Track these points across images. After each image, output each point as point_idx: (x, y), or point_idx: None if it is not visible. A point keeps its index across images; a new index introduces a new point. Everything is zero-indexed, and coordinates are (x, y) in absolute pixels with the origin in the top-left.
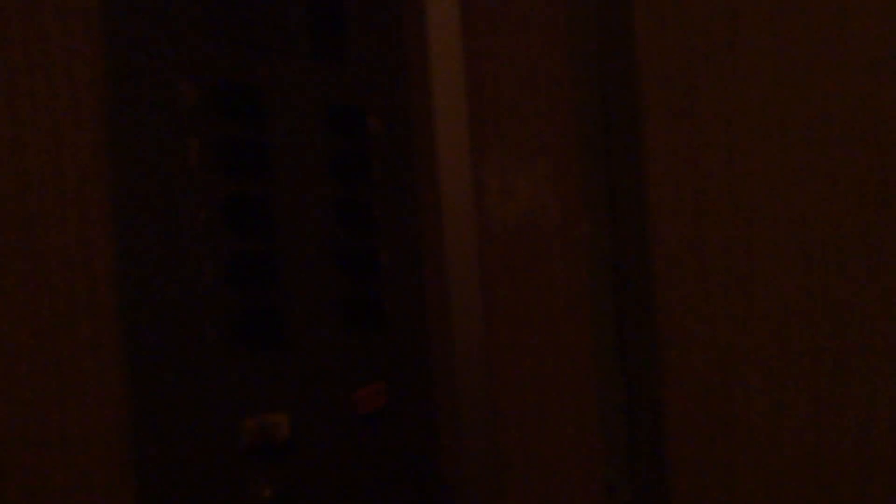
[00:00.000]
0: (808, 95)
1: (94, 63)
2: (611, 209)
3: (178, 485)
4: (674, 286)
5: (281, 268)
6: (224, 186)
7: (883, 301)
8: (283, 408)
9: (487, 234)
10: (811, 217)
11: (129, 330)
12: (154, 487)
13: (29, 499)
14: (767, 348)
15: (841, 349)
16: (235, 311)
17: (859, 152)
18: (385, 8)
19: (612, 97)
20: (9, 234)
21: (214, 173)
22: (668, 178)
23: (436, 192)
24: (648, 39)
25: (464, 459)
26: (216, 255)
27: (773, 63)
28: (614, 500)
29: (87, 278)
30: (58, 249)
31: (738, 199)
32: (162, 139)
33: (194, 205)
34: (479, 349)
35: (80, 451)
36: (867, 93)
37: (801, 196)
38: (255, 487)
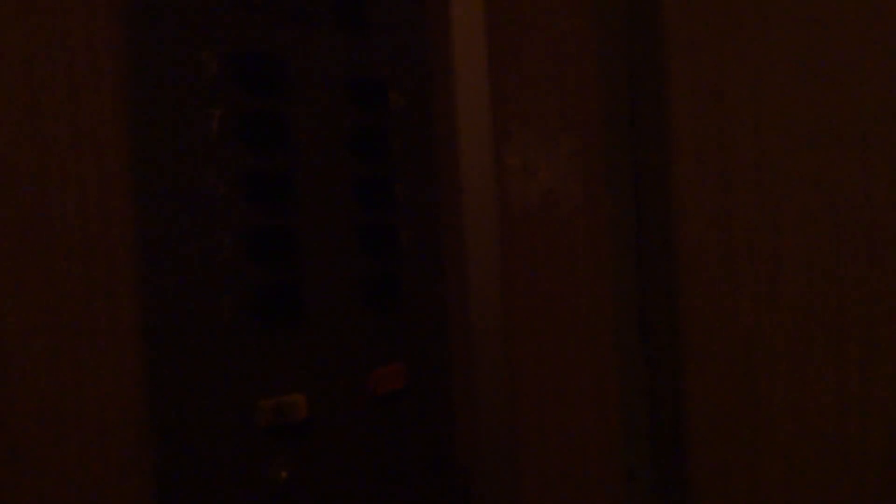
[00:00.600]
0: (840, 73)
1: (114, 30)
2: (635, 189)
3: (196, 462)
4: (697, 268)
5: (300, 243)
6: (244, 159)
7: None
8: (300, 387)
9: (508, 213)
10: (840, 198)
11: (147, 303)
12: (172, 465)
13: (51, 473)
14: (792, 332)
15: (868, 334)
16: (254, 286)
17: (891, 133)
18: None
19: (639, 74)
20: (28, 203)
21: (235, 145)
22: (693, 157)
23: (456, 170)
24: (676, 16)
25: (481, 443)
26: (235, 229)
27: (804, 38)
28: (635, 486)
29: (106, 250)
30: (77, 220)
31: (765, 179)
32: (183, 109)
33: (214, 177)
34: (497, 331)
35: (99, 427)
36: None
37: (829, 177)
38: (272, 468)
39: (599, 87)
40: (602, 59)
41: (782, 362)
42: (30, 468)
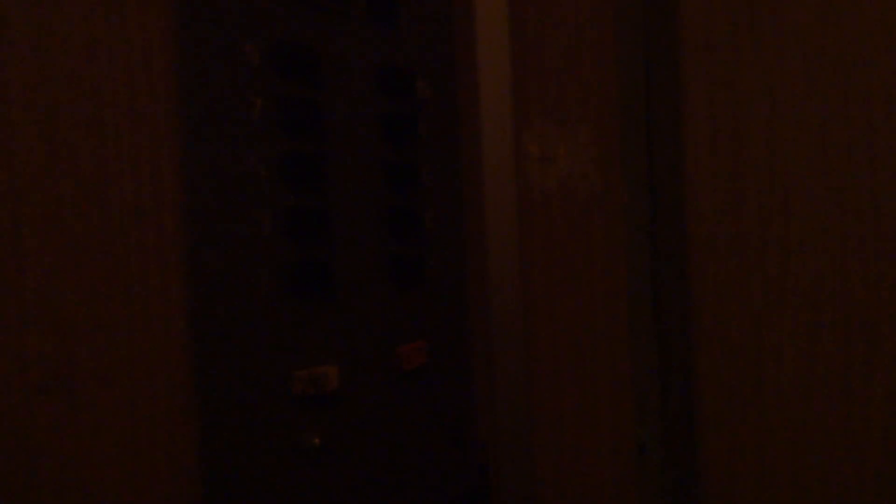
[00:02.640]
0: (850, 67)
1: (166, 24)
2: (650, 176)
3: (236, 427)
4: (709, 253)
5: (332, 224)
6: (283, 143)
7: None
8: (331, 360)
9: (527, 199)
10: (849, 186)
11: (193, 277)
12: (214, 428)
13: (103, 436)
14: (800, 317)
15: (873, 318)
16: (290, 264)
17: None
18: None
19: (654, 66)
20: (86, 183)
21: (275, 130)
22: (706, 147)
23: (478, 157)
24: (692, 8)
25: (498, 418)
26: (274, 209)
27: (816, 31)
28: (645, 460)
29: (158, 227)
30: (131, 200)
31: (776, 167)
32: (228, 97)
33: (255, 160)
34: (515, 311)
35: (149, 392)
36: None
37: (839, 166)
38: (306, 434)
39: (616, 79)
40: (619, 51)
41: (790, 346)
42: (87, 428)
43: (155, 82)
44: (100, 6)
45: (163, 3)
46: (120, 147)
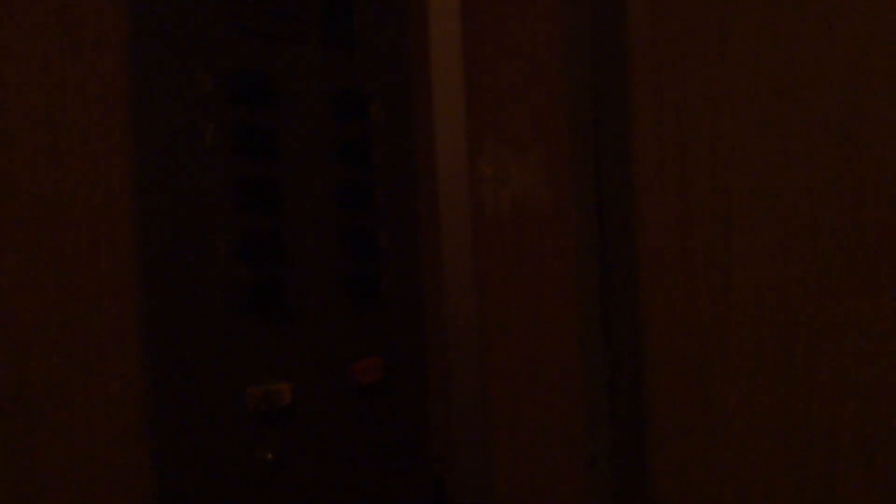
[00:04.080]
0: (793, 90)
1: (120, 52)
2: (598, 196)
3: (190, 442)
4: (657, 270)
5: (287, 244)
6: (236, 167)
7: (856, 282)
8: (285, 377)
9: (481, 219)
10: (788, 205)
11: (147, 298)
12: (169, 444)
13: (58, 452)
14: (746, 329)
15: (815, 329)
16: (244, 284)
17: (837, 143)
18: (391, 1)
19: (603, 90)
20: (42, 207)
21: (228, 155)
22: (653, 167)
23: (433, 178)
24: (639, 36)
25: (454, 432)
26: (228, 231)
27: (760, 54)
28: (596, 473)
29: (112, 249)
30: (86, 224)
31: (720, 186)
32: (181, 123)
33: (208, 184)
34: (470, 328)
35: (101, 410)
36: (848, 90)
37: (778, 186)
38: (260, 450)
39: (566, 102)
40: (569, 76)
41: (736, 358)
42: (42, 447)
43: (110, 112)
44: (54, 39)
45: (116, 36)
46: (76, 174)
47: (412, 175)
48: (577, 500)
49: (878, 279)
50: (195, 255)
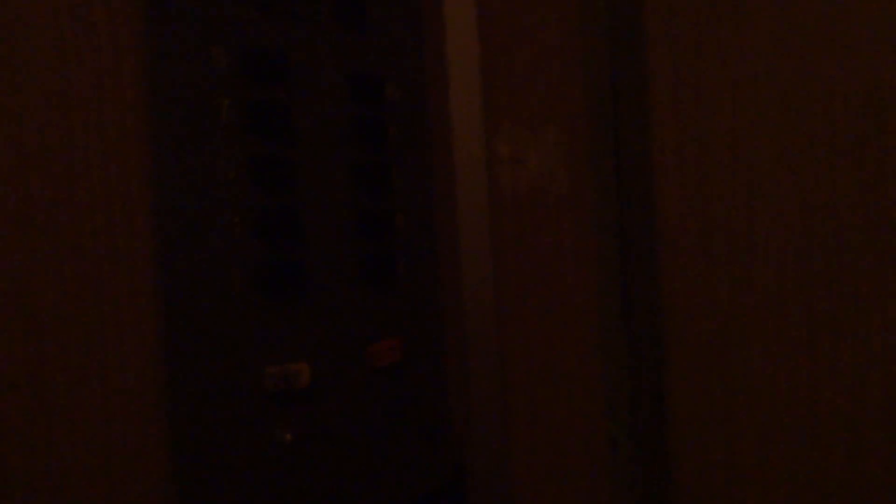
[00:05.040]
0: (813, 64)
1: (134, 27)
2: (618, 177)
3: (207, 423)
4: (677, 252)
5: (303, 225)
6: (252, 145)
7: (878, 265)
8: (304, 357)
9: (498, 200)
10: (812, 183)
11: (163, 278)
12: (184, 424)
13: (74, 432)
14: (767, 312)
15: (837, 313)
16: (260, 263)
17: (858, 119)
18: None
19: (621, 67)
20: (55, 185)
21: (244, 133)
22: (672, 146)
23: (450, 159)
24: (657, 13)
25: (473, 415)
26: (243, 210)
27: (778, 32)
28: (617, 455)
29: (127, 226)
30: (101, 200)
31: (741, 167)
32: (196, 99)
33: (224, 161)
34: (488, 311)
35: (117, 390)
36: (870, 65)
37: (801, 164)
38: (278, 431)
39: (584, 81)
40: (586, 55)
41: (757, 341)
42: (57, 426)
43: (124, 86)
44: (68, 14)
45: (131, 11)
46: (89, 150)
47: (428, 156)
48: (599, 483)
49: None
50: (211, 233)
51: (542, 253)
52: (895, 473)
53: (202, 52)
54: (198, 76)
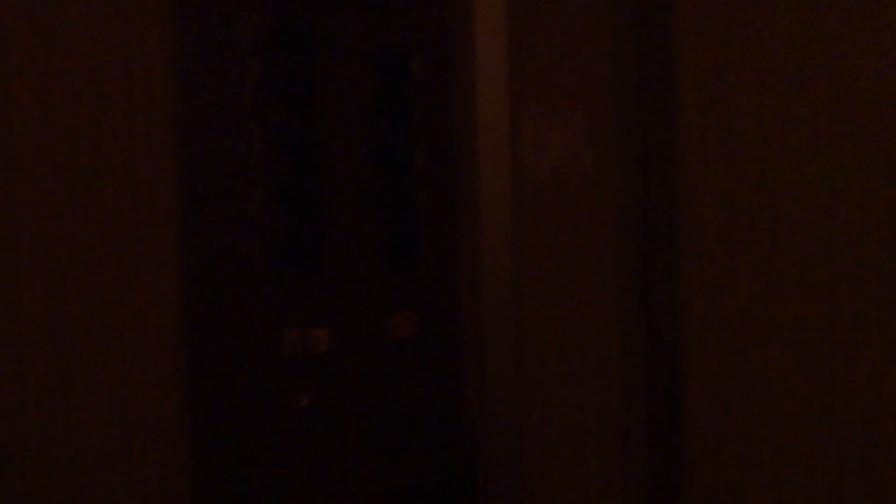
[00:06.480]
0: (843, 55)
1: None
2: (642, 164)
3: (226, 383)
4: (698, 241)
5: (325, 196)
6: (277, 116)
7: None
8: (322, 323)
9: (521, 182)
10: (837, 177)
11: (186, 238)
12: (203, 385)
13: (95, 385)
14: (788, 302)
15: (858, 307)
16: (283, 230)
17: (890, 116)
18: None
19: (649, 54)
20: (80, 147)
21: (269, 103)
22: (698, 132)
23: (473, 140)
24: (685, 1)
25: (487, 394)
26: (268, 178)
27: (807, 22)
28: (629, 443)
29: (151, 191)
30: (125, 166)
31: (767, 158)
32: (222, 69)
33: (250, 130)
34: (506, 292)
35: (138, 349)
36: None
37: (828, 156)
38: (295, 395)
39: (611, 67)
40: (614, 40)
41: (775, 334)
42: (77, 382)
43: (151, 54)
44: None
45: None
46: (116, 116)
47: (452, 135)
48: (611, 471)
49: None
50: (235, 201)
51: (563, 236)
52: None
53: (228, 22)
54: (224, 46)
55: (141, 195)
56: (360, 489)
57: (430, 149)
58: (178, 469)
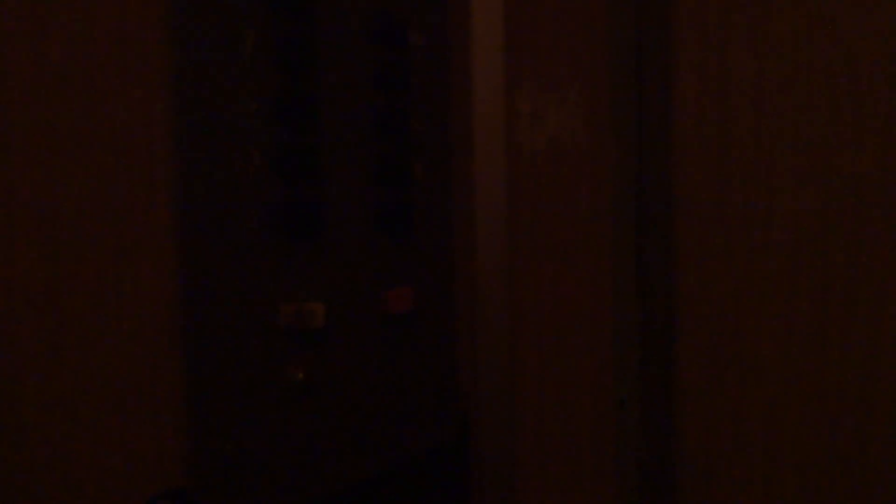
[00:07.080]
0: (842, 37)
1: None
2: (638, 137)
3: (222, 355)
4: (694, 215)
5: (322, 166)
6: (274, 81)
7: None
8: (319, 297)
9: (516, 154)
10: (834, 158)
11: (181, 205)
12: (201, 355)
13: (91, 350)
14: (781, 279)
15: (851, 288)
16: (279, 200)
17: (887, 100)
18: None
19: (646, 30)
20: (76, 106)
21: (266, 68)
22: (694, 106)
23: (469, 110)
24: None
25: (481, 368)
26: (264, 147)
27: (808, 2)
28: (624, 415)
29: (147, 156)
30: (122, 127)
31: (761, 131)
32: (219, 31)
33: (246, 95)
34: (501, 264)
35: (134, 318)
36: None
37: (824, 137)
38: (290, 368)
39: (607, 39)
40: (610, 11)
41: (768, 311)
42: (73, 346)
43: (147, 15)
44: None
45: None
46: (112, 77)
47: (448, 106)
48: (604, 442)
49: None
50: (230, 167)
51: (558, 209)
52: None
53: None
54: (220, 11)
55: (135, 163)
56: (355, 459)
57: (426, 119)
58: (174, 441)
